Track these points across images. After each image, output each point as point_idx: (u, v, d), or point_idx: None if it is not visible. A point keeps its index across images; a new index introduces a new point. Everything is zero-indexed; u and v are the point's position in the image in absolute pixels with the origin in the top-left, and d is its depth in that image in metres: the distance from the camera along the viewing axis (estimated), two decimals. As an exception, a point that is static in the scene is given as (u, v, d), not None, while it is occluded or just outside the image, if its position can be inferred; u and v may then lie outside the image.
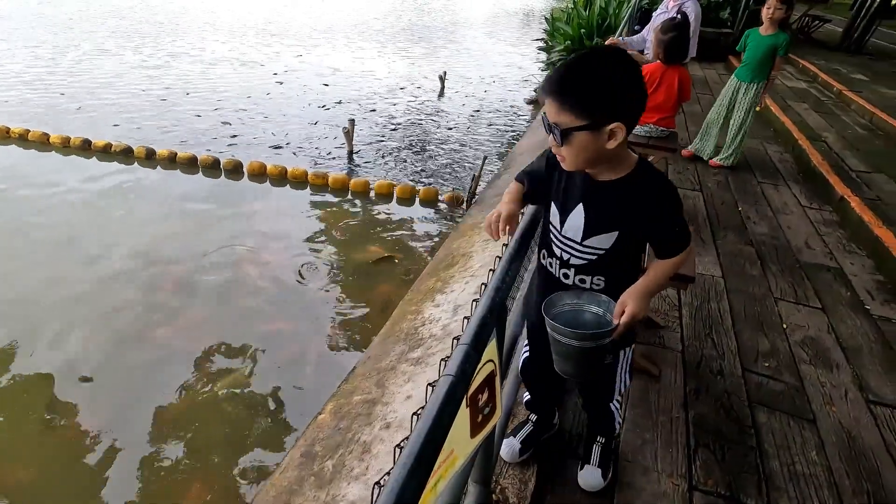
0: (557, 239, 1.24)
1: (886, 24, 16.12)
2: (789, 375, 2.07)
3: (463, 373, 0.86)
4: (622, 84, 1.00)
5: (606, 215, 1.15)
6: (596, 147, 1.03)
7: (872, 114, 5.55)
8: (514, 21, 21.63)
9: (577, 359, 1.17)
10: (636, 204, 1.11)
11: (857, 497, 1.60)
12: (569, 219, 1.19)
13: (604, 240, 1.16)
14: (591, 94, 0.99)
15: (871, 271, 2.86)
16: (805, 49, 9.97)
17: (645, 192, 1.11)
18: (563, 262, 1.24)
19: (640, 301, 1.12)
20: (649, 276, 1.17)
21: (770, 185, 3.96)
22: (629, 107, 1.03)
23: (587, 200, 1.15)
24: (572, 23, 8.95)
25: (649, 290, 1.16)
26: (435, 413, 0.77)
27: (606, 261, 1.19)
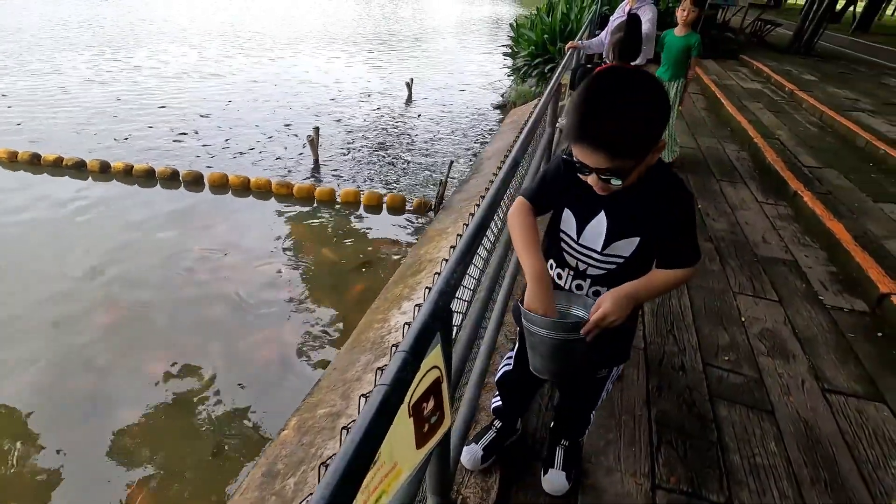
0: (573, 248, 1.16)
1: (832, 27, 16.96)
2: (748, 368, 2.10)
3: (399, 381, 0.82)
4: (661, 113, 0.93)
5: (629, 220, 1.08)
6: (643, 167, 0.98)
7: (822, 112, 5.77)
8: (482, 28, 21.87)
9: (549, 353, 1.11)
10: (655, 204, 1.05)
11: (815, 486, 1.61)
12: (588, 227, 1.12)
13: (625, 246, 1.10)
14: (641, 140, 0.92)
15: (825, 263, 2.95)
16: (758, 51, 10.37)
17: (668, 194, 1.05)
18: (579, 272, 1.17)
19: (618, 302, 1.04)
20: (641, 280, 1.08)
21: (728, 182, 4.05)
22: (665, 124, 0.98)
23: (609, 207, 1.08)
24: (536, 29, 9.08)
25: (634, 294, 1.06)
26: (366, 426, 0.72)
27: (625, 269, 1.11)
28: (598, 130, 0.91)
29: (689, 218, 1.06)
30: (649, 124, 0.92)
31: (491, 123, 8.94)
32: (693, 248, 1.07)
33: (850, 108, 5.96)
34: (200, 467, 2.66)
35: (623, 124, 0.90)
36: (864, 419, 1.88)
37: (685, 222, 1.06)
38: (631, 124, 0.90)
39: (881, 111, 5.93)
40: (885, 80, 8.44)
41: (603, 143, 0.91)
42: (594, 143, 0.91)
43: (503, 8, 31.81)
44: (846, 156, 4.59)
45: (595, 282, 1.14)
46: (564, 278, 1.19)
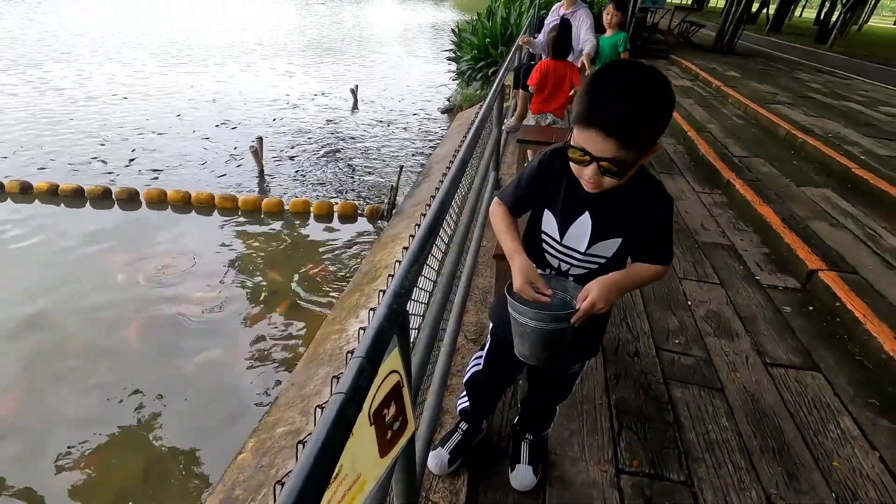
0: (555, 249, 1.16)
1: (750, 28, 18.27)
2: (697, 349, 2.19)
3: (356, 389, 0.78)
4: (670, 108, 0.93)
5: (612, 221, 1.08)
6: (639, 165, 0.98)
7: (746, 105, 6.18)
8: (425, 34, 21.98)
9: (535, 340, 1.12)
10: (637, 206, 1.06)
11: (765, 455, 1.70)
12: (571, 228, 1.11)
13: (608, 247, 1.10)
14: (653, 132, 0.92)
15: (758, 245, 3.14)
16: (686, 51, 11.00)
17: (650, 197, 1.06)
18: (561, 272, 1.17)
19: (606, 291, 1.04)
20: (625, 272, 1.10)
21: (667, 174, 4.25)
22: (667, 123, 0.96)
23: (593, 208, 1.08)
24: (477, 33, 9.23)
25: (621, 284, 1.08)
26: (323, 438, 0.69)
27: (606, 269, 1.12)
28: (614, 115, 0.88)
29: (670, 220, 1.09)
30: (662, 118, 0.92)
31: (438, 127, 8.98)
32: (669, 248, 1.11)
33: (770, 101, 6.41)
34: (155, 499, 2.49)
35: (639, 111, 0.88)
36: (803, 388, 2.01)
37: (666, 224, 1.09)
38: (646, 113, 0.89)
39: (797, 103, 6.42)
40: (798, 75, 9.15)
41: (617, 129, 0.88)
42: (607, 129, 0.89)
43: (444, 14, 32.15)
44: (770, 145, 4.93)
45: (578, 281, 1.14)
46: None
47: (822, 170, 4.26)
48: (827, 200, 3.63)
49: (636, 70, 0.91)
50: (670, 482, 1.58)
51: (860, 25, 27.14)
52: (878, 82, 9.10)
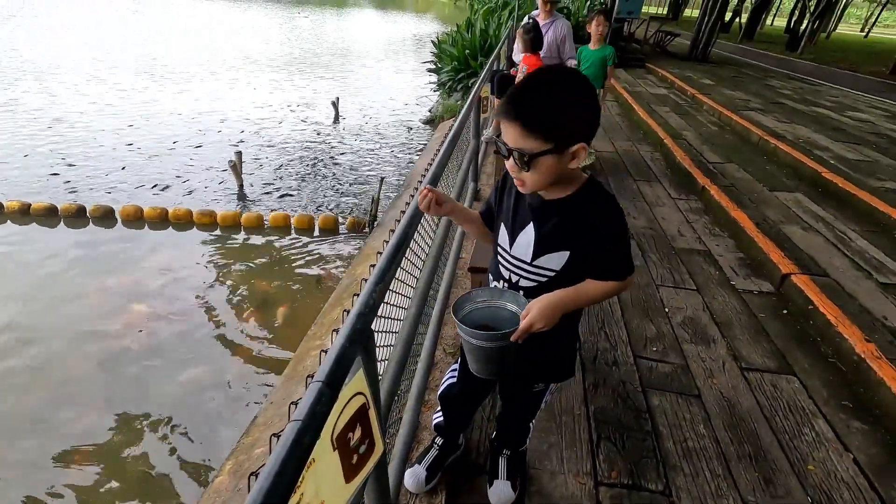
0: (506, 260, 1.18)
1: (723, 37, 18.74)
2: (675, 356, 2.21)
3: (314, 414, 0.76)
4: (583, 105, 0.97)
5: (557, 233, 1.09)
6: (560, 168, 1.00)
7: (720, 112, 6.31)
8: (406, 46, 22.11)
9: (481, 357, 1.14)
10: (585, 220, 1.06)
11: (742, 461, 1.71)
12: (518, 238, 1.13)
13: (555, 260, 1.10)
14: (556, 119, 0.95)
15: (734, 250, 3.18)
16: (662, 60, 11.22)
17: (598, 208, 1.06)
18: (512, 284, 1.18)
19: (543, 311, 1.06)
20: (571, 290, 1.09)
21: (644, 181, 4.31)
22: (590, 126, 1.00)
23: (537, 218, 1.10)
24: (457, 45, 9.31)
25: (562, 303, 1.08)
26: (277, 468, 0.67)
27: (557, 283, 1.11)
28: (517, 102, 0.96)
29: (620, 232, 1.07)
30: (566, 107, 0.96)
31: (421, 138, 9.00)
32: (625, 261, 1.08)
33: (743, 107, 6.56)
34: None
35: (541, 101, 0.95)
36: (779, 392, 2.03)
37: (616, 236, 1.06)
38: (548, 103, 0.94)
39: (769, 109, 6.58)
40: (769, 82, 9.39)
41: (518, 113, 0.96)
42: (510, 114, 0.96)
43: (426, 26, 32.42)
44: (743, 151, 5.03)
45: (528, 294, 1.14)
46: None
47: (793, 174, 4.35)
48: (799, 204, 3.71)
49: (553, 70, 1.00)
50: (648, 492, 1.58)
51: (828, 33, 28.02)
52: (846, 88, 9.38)
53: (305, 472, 0.76)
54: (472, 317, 1.16)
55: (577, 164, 1.00)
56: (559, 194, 1.07)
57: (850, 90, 9.09)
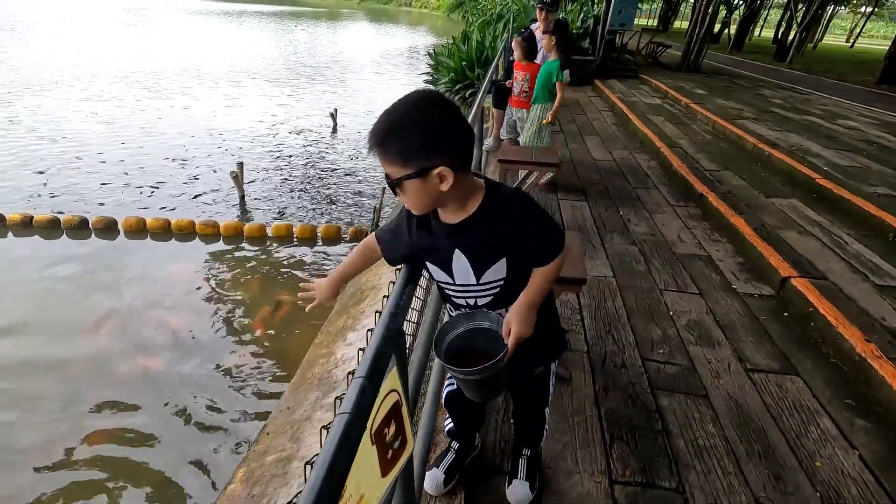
0: (456, 291, 1.21)
1: (713, 47, 19.08)
2: (681, 358, 2.25)
3: (360, 408, 0.80)
4: (438, 128, 0.97)
5: (483, 250, 1.12)
6: (430, 192, 1.00)
7: (714, 121, 6.44)
8: (401, 58, 22.33)
9: (481, 387, 1.16)
10: (500, 226, 1.09)
11: (751, 459, 1.75)
12: (455, 269, 1.16)
13: (497, 270, 1.14)
14: (409, 144, 0.96)
15: (733, 255, 3.25)
16: (655, 70, 11.42)
17: (503, 212, 1.09)
18: (472, 306, 1.22)
19: (523, 318, 1.11)
20: (531, 287, 1.14)
21: (643, 189, 4.39)
22: (451, 148, 0.98)
23: (460, 245, 1.12)
24: (454, 57, 9.45)
25: (532, 302, 1.13)
26: (330, 458, 0.71)
27: (511, 285, 1.16)
28: (375, 129, 0.98)
29: (534, 216, 1.10)
30: (417, 135, 0.96)
31: (419, 149, 9.07)
32: (553, 237, 1.12)
33: (736, 116, 6.69)
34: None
35: (394, 127, 0.96)
36: (784, 392, 2.08)
37: (535, 225, 1.10)
38: (401, 128, 0.96)
39: (761, 118, 6.72)
40: (760, 91, 9.58)
41: (375, 140, 0.98)
42: (370, 141, 0.99)
43: (420, 38, 32.76)
44: (739, 159, 5.13)
45: (490, 308, 1.19)
46: None
47: (788, 181, 4.45)
48: (795, 210, 3.80)
49: (410, 95, 1.00)
50: (662, 490, 1.62)
51: (815, 44, 28.62)
52: (834, 97, 9.58)
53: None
54: (452, 348, 1.16)
55: (447, 187, 0.98)
56: (467, 213, 1.08)
57: (838, 99, 9.29)
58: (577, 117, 7.15)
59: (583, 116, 7.25)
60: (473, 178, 1.10)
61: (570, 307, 2.58)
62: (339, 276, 1.32)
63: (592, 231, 3.49)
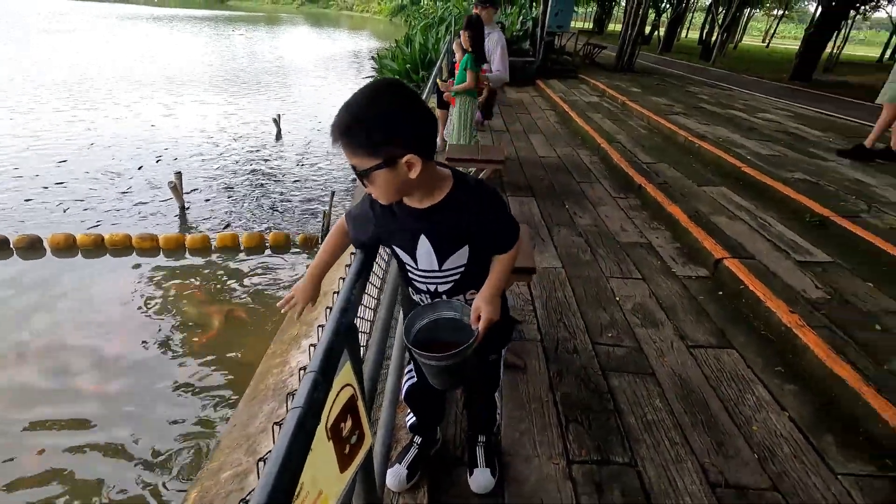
0: (418, 275, 1.23)
1: (645, 48, 20.09)
2: (629, 340, 2.36)
3: (312, 402, 0.80)
4: (402, 116, 0.97)
5: (448, 236, 1.15)
6: (399, 181, 1.01)
7: (648, 117, 6.78)
8: (345, 62, 22.06)
9: (450, 375, 1.18)
10: (467, 216, 1.13)
11: (696, 428, 1.86)
12: (418, 254, 1.18)
13: (459, 257, 1.18)
14: (373, 133, 0.95)
15: (671, 241, 3.44)
16: (592, 70, 11.88)
17: (469, 203, 1.12)
18: (433, 293, 1.24)
19: (492, 303, 1.15)
20: (493, 275, 1.20)
21: (586, 183, 4.56)
22: (416, 136, 0.99)
23: (425, 230, 1.15)
24: (398, 60, 9.46)
25: (497, 290, 1.19)
26: (284, 452, 0.70)
27: (471, 273, 1.20)
28: (338, 121, 0.96)
29: (498, 209, 1.16)
30: (381, 124, 0.95)
31: (367, 152, 8.99)
32: (511, 228, 1.19)
33: (668, 112, 7.08)
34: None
35: (357, 117, 0.95)
36: (721, 365, 2.22)
37: (497, 217, 1.16)
38: (363, 118, 0.95)
39: (691, 113, 7.14)
40: (688, 88, 10.18)
41: (339, 131, 0.96)
42: (334, 134, 0.97)
43: (363, 42, 32.51)
44: (672, 151, 5.43)
45: (450, 294, 1.23)
46: (426, 301, 1.26)
47: (717, 170, 4.75)
48: (724, 197, 4.06)
49: (369, 85, 1.00)
50: (617, 465, 1.69)
51: (735, 44, 30.71)
52: (754, 92, 10.33)
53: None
54: (418, 338, 1.18)
55: (415, 174, 1.00)
56: (433, 200, 1.10)
57: (757, 94, 10.02)
58: (521, 117, 7.33)
59: (527, 116, 7.43)
60: (438, 168, 1.12)
61: (523, 298, 2.64)
62: (317, 270, 1.28)
63: (541, 225, 3.59)
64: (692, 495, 1.60)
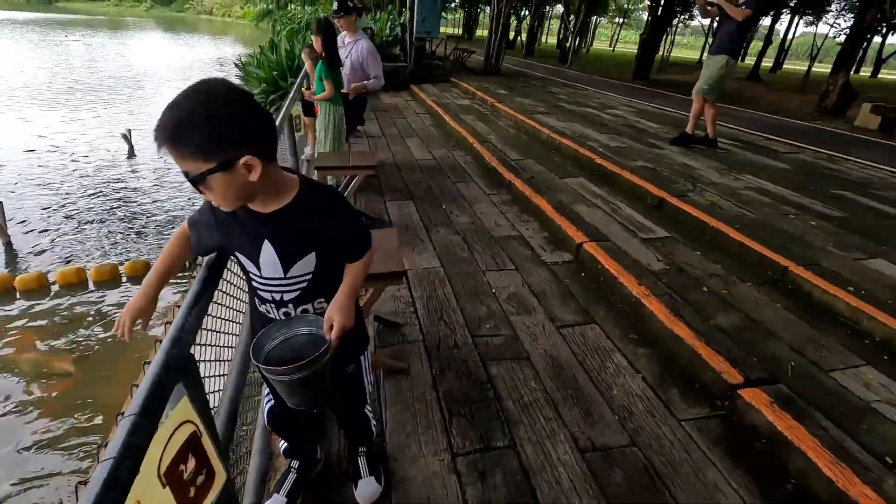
0: (262, 284, 1.17)
1: (511, 53, 21.42)
2: (505, 328, 2.49)
3: (129, 448, 0.71)
4: (234, 115, 0.93)
5: (294, 242, 1.12)
6: (238, 184, 0.96)
7: (515, 117, 7.24)
8: (207, 71, 20.46)
9: (306, 389, 1.12)
10: (314, 222, 1.10)
11: (566, 402, 2.01)
12: (262, 260, 1.13)
13: (305, 264, 1.14)
14: (206, 136, 0.89)
15: (539, 231, 3.70)
16: (463, 74, 12.37)
17: (317, 208, 1.10)
18: (279, 301, 1.18)
19: (345, 311, 1.14)
20: (345, 283, 1.19)
21: (462, 182, 4.72)
22: (253, 136, 0.95)
23: (269, 235, 1.10)
24: (263, 67, 8.99)
25: (351, 297, 1.18)
26: (88, 513, 0.61)
27: (320, 281, 1.17)
28: (163, 124, 0.90)
29: (347, 215, 1.16)
30: (213, 126, 0.90)
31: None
32: (361, 236, 1.20)
33: (532, 111, 7.61)
34: None
35: (185, 120, 0.89)
36: (586, 340, 2.43)
37: (347, 223, 1.15)
38: (193, 121, 0.89)
39: (552, 112, 7.76)
40: (550, 89, 11.06)
41: (165, 136, 0.89)
42: (160, 138, 0.89)
43: (226, 49, 30.40)
44: (537, 148, 5.85)
45: (297, 303, 1.19)
46: (272, 312, 1.21)
47: (576, 163, 5.22)
48: (582, 187, 4.47)
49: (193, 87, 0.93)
50: (498, 449, 1.77)
51: (587, 48, 34.10)
52: (604, 91, 11.54)
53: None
54: (271, 357, 1.13)
55: (256, 177, 0.95)
56: (279, 204, 1.07)
57: (607, 93, 11.21)
58: (397, 121, 7.39)
59: (403, 120, 7.51)
60: (283, 171, 1.08)
61: (404, 301, 2.66)
62: (153, 280, 1.14)
63: (420, 227, 3.65)
64: (565, 464, 1.73)
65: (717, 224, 3.42)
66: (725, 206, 3.83)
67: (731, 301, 2.66)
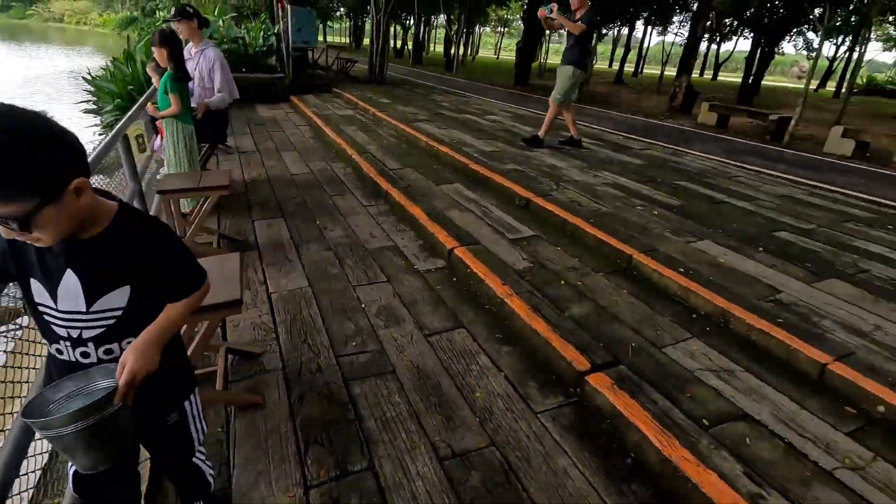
0: (57, 318, 1.02)
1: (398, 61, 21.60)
2: (372, 343, 2.44)
3: None
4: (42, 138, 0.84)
5: (105, 272, 1.00)
6: (70, 212, 0.90)
7: (396, 126, 7.26)
8: (62, 83, 18.08)
9: (91, 443, 0.96)
10: (133, 253, 1.01)
11: (429, 410, 2.02)
12: (60, 291, 0.99)
13: (115, 298, 1.02)
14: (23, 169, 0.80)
15: (415, 240, 3.71)
16: (346, 84, 12.21)
17: (138, 238, 1.02)
18: (75, 339, 1.03)
19: (142, 354, 1.01)
20: (160, 322, 1.07)
21: (338, 195, 4.62)
22: (72, 157, 0.89)
23: (74, 264, 0.99)
24: (116, 81, 8.12)
25: (157, 339, 1.05)
26: None
27: (130, 319, 1.04)
28: None
29: (176, 250, 1.08)
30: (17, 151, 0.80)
31: (94, 191, 7.50)
32: (195, 270, 1.12)
33: (413, 119, 7.70)
34: None
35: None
36: (453, 345, 2.47)
37: (175, 256, 1.08)
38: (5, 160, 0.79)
39: (433, 119, 7.90)
40: (433, 97, 11.29)
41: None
42: None
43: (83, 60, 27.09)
44: (416, 156, 5.91)
45: (99, 342, 1.05)
46: (65, 352, 1.06)
47: (452, 169, 5.35)
48: (457, 192, 4.58)
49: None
50: (354, 474, 1.71)
51: (473, 56, 35.48)
52: (486, 97, 12.04)
53: None
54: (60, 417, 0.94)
55: (88, 198, 0.92)
56: (94, 230, 0.99)
57: (488, 99, 11.71)
58: (274, 135, 7.06)
59: (280, 133, 7.20)
60: (100, 196, 0.99)
61: (265, 328, 2.51)
62: None
63: (289, 246, 3.48)
64: (423, 477, 1.72)
65: (574, 220, 3.67)
66: (584, 203, 4.14)
67: (584, 291, 2.86)
